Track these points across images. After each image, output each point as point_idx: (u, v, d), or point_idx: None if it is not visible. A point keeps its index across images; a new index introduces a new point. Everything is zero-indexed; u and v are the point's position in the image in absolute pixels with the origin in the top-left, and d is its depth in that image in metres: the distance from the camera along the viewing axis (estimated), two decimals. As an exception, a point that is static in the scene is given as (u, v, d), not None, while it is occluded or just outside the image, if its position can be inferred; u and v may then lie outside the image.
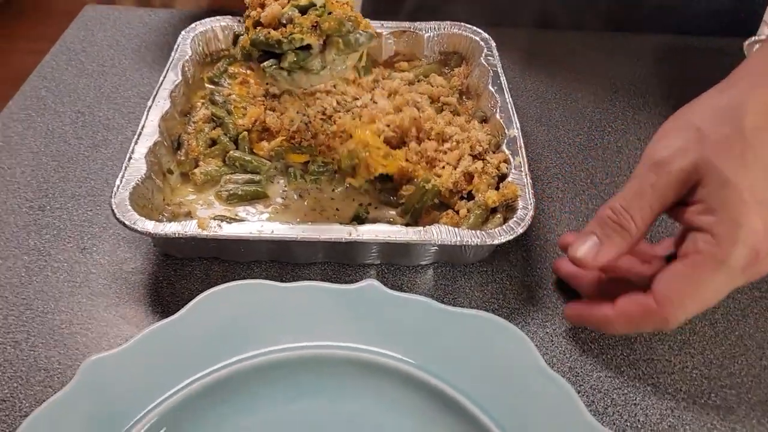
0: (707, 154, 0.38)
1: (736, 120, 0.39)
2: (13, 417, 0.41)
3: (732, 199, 0.37)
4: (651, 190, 0.40)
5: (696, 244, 0.38)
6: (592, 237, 0.42)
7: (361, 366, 0.42)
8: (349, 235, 0.47)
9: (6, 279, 0.49)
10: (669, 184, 0.39)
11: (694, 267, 0.38)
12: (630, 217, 0.40)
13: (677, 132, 0.41)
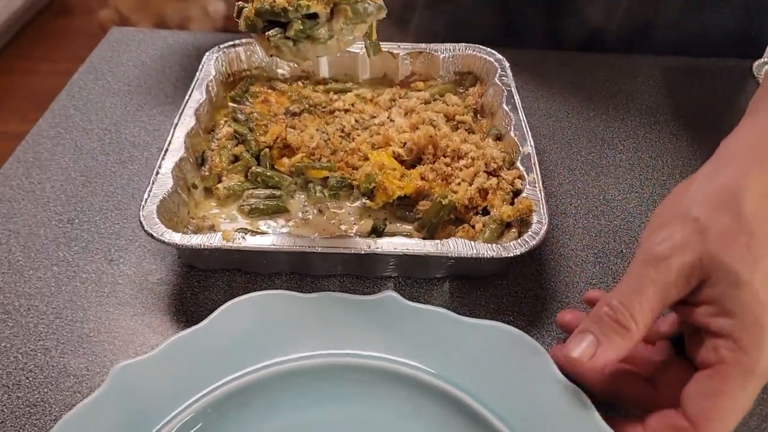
0: (711, 248, 0.36)
1: (734, 208, 0.36)
2: (43, 421, 0.43)
3: (749, 301, 0.35)
4: (651, 287, 0.37)
5: (719, 352, 0.36)
6: (589, 336, 0.38)
7: (380, 374, 0.43)
8: (368, 248, 0.48)
9: (37, 289, 0.51)
10: (671, 281, 0.36)
11: (723, 381, 0.35)
12: (629, 315, 0.37)
13: (675, 222, 0.38)
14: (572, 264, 0.55)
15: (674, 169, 0.65)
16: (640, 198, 0.61)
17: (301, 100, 0.67)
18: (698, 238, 0.36)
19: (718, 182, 0.38)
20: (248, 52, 0.69)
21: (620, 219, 0.59)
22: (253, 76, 0.70)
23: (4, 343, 0.47)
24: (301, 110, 0.65)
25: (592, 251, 0.56)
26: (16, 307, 0.50)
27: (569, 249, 0.56)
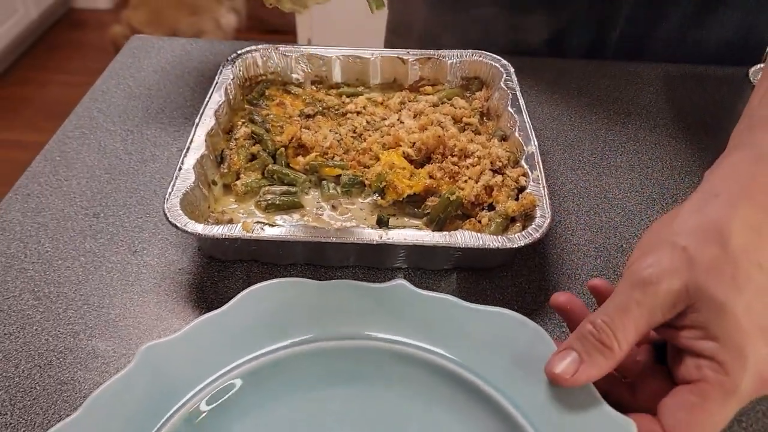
0: (698, 277, 0.37)
1: (721, 240, 0.37)
2: (74, 397, 0.45)
3: (732, 328, 0.36)
4: (636, 308, 0.38)
5: (701, 371, 0.37)
6: (572, 353, 0.39)
7: (390, 355, 0.45)
8: (380, 238, 0.51)
9: (65, 277, 0.54)
10: (657, 304, 0.38)
11: (703, 398, 0.37)
12: (612, 335, 0.38)
13: (662, 249, 0.39)
14: (574, 258, 0.57)
15: (673, 170, 0.67)
16: (640, 197, 0.64)
17: (314, 103, 0.70)
18: (686, 266, 0.37)
19: (705, 215, 0.39)
20: (264, 57, 0.72)
21: (621, 216, 0.61)
22: (269, 81, 0.73)
23: (36, 327, 0.50)
24: (315, 112, 0.68)
25: (594, 246, 0.58)
26: (46, 293, 0.52)
27: (571, 243, 0.59)
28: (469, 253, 0.53)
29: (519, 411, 0.42)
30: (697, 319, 0.37)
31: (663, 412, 0.38)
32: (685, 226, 0.40)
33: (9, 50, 2.79)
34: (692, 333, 0.38)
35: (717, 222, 0.38)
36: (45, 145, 0.68)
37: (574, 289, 0.55)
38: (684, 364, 0.39)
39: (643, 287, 0.38)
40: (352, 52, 0.72)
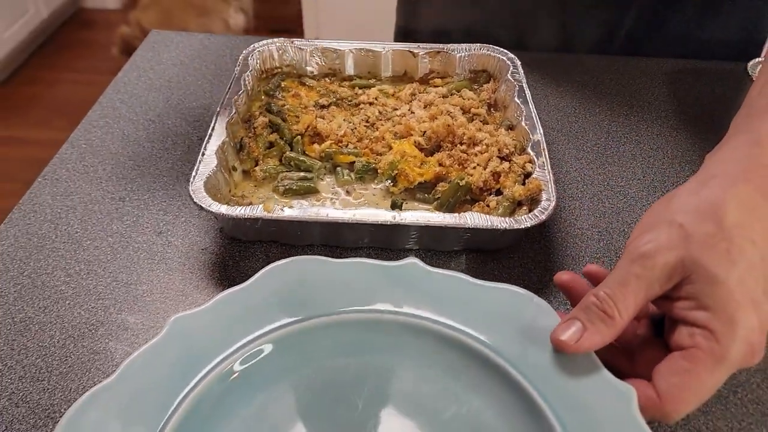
0: (693, 251, 0.39)
1: (717, 217, 0.40)
2: (106, 366, 0.48)
3: (724, 298, 0.38)
4: (635, 281, 0.40)
5: (694, 338, 0.39)
6: (576, 322, 0.42)
7: (404, 327, 0.48)
8: (394, 219, 0.54)
9: (95, 256, 0.57)
10: (654, 277, 0.40)
11: (694, 362, 0.39)
12: (614, 305, 0.41)
13: (660, 227, 0.41)
14: (578, 241, 0.60)
15: (674, 159, 0.70)
16: (641, 184, 0.66)
17: (329, 94, 0.73)
18: (682, 241, 0.40)
19: (703, 194, 0.42)
20: (280, 51, 0.75)
21: (623, 202, 0.64)
22: (285, 73, 0.76)
23: (68, 302, 0.53)
24: (329, 103, 0.71)
25: (597, 230, 0.61)
26: (77, 271, 0.55)
27: (575, 228, 0.61)
28: (478, 234, 0.55)
29: (525, 378, 0.45)
30: (692, 290, 0.40)
31: (656, 377, 0.41)
32: (683, 205, 0.42)
33: (20, 49, 2.83)
34: (686, 304, 0.40)
35: (713, 201, 0.41)
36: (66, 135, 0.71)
37: (578, 270, 0.57)
38: (678, 332, 0.41)
39: (641, 261, 0.41)
40: (364, 45, 0.75)
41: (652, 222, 0.43)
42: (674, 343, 0.41)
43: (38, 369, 0.48)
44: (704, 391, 0.40)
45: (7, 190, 2.24)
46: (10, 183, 2.28)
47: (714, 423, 0.46)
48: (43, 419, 0.45)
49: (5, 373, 0.47)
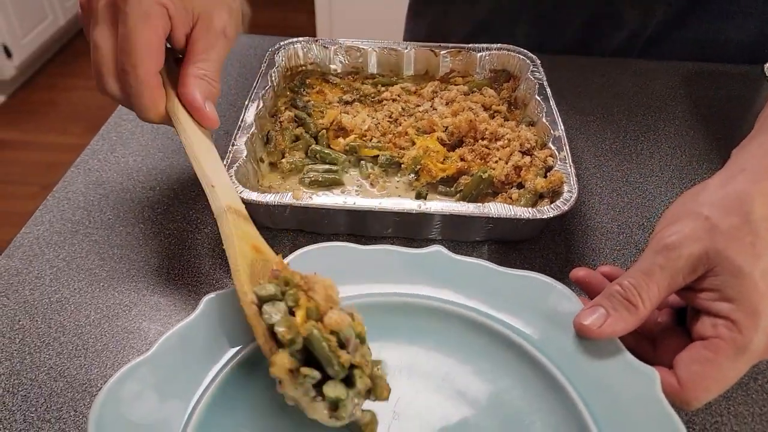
0: (718, 243, 0.40)
1: (743, 211, 0.40)
2: (140, 344, 0.50)
3: (748, 290, 0.39)
4: (659, 271, 0.41)
5: (717, 329, 0.40)
6: (600, 308, 0.43)
7: (430, 311, 0.49)
8: (419, 208, 0.55)
9: (127, 241, 0.58)
10: (678, 267, 0.41)
11: (716, 351, 0.40)
12: (637, 294, 0.42)
13: (686, 219, 0.42)
14: (598, 234, 0.61)
15: (692, 157, 0.71)
16: (659, 180, 0.67)
17: (352, 91, 0.74)
18: (707, 233, 0.40)
19: (729, 188, 0.42)
20: (305, 49, 0.77)
21: (641, 198, 0.65)
22: (309, 71, 0.78)
23: (103, 284, 0.54)
24: (353, 99, 0.73)
25: (616, 223, 0.62)
26: (110, 255, 0.57)
27: (595, 221, 0.62)
28: (501, 224, 0.56)
29: (550, 360, 0.46)
30: (715, 282, 0.41)
31: (678, 365, 0.42)
32: (710, 198, 0.43)
33: (37, 55, 2.88)
34: (710, 295, 0.41)
35: (740, 194, 0.42)
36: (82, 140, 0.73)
37: (598, 262, 0.58)
38: (701, 322, 0.42)
39: (666, 252, 0.41)
40: (387, 44, 0.77)
41: (678, 214, 0.43)
42: (697, 333, 0.42)
43: (75, 346, 0.49)
44: (725, 381, 0.40)
45: (24, 192, 2.27)
46: (28, 186, 2.31)
47: (735, 408, 0.47)
48: (80, 393, 0.46)
49: (43, 349, 0.49)
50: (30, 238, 0.58)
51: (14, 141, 2.55)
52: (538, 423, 0.44)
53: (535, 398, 0.45)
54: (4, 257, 0.56)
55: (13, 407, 0.45)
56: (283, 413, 0.44)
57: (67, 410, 0.45)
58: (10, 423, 0.44)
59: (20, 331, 0.50)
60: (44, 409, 0.45)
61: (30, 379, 0.47)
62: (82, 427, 0.44)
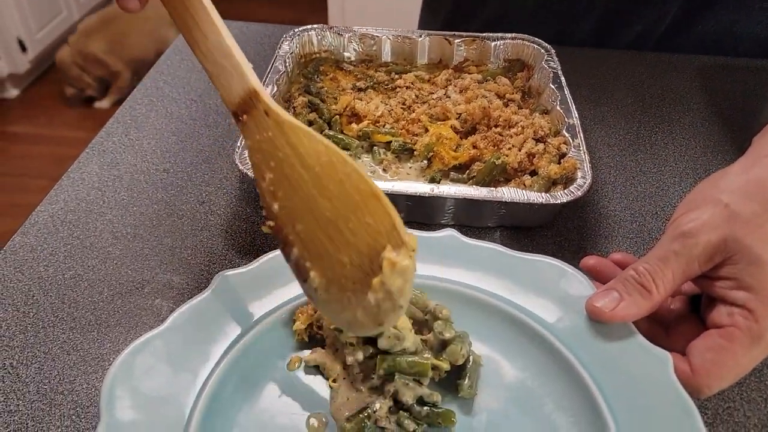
0: (737, 231, 0.39)
1: (764, 198, 0.40)
2: (153, 320, 0.50)
3: (766, 279, 0.39)
4: (675, 258, 0.41)
5: (733, 318, 0.40)
6: (613, 292, 0.43)
7: (442, 293, 0.49)
8: (432, 191, 0.55)
9: (140, 221, 0.59)
10: (694, 255, 0.40)
11: (731, 340, 0.39)
12: (652, 280, 0.41)
13: (705, 206, 0.41)
14: (611, 222, 0.61)
15: (706, 148, 0.70)
16: (673, 171, 0.67)
17: (366, 78, 0.74)
18: (726, 221, 0.40)
19: (751, 175, 0.42)
20: (319, 36, 0.77)
21: (655, 187, 0.65)
22: (323, 58, 0.78)
23: (116, 262, 0.55)
24: (366, 86, 0.73)
25: (629, 212, 0.62)
26: (123, 234, 0.57)
27: (608, 209, 0.62)
28: (514, 208, 0.56)
29: (562, 342, 0.45)
30: (732, 270, 0.40)
31: (692, 352, 0.41)
32: (731, 184, 0.42)
33: (51, 50, 2.89)
34: (727, 283, 0.41)
35: (762, 181, 0.41)
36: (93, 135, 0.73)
37: (610, 250, 0.58)
38: (716, 310, 0.42)
39: (683, 239, 0.41)
40: (401, 32, 0.77)
41: (697, 200, 0.43)
42: (711, 320, 0.42)
43: (88, 321, 0.50)
44: (739, 369, 0.40)
45: (35, 186, 2.29)
46: (39, 179, 2.32)
47: (748, 394, 0.47)
48: (93, 366, 0.46)
49: (57, 324, 0.49)
50: (45, 216, 0.58)
51: (28, 135, 2.58)
52: (551, 404, 0.44)
53: (547, 380, 0.45)
54: (19, 234, 0.56)
55: (27, 379, 0.45)
56: (293, 388, 0.44)
57: (80, 383, 0.45)
58: (23, 394, 0.44)
59: (34, 305, 0.50)
60: (57, 381, 0.45)
61: (44, 352, 0.47)
62: (94, 399, 0.44)
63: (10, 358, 0.46)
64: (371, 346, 0.43)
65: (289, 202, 0.37)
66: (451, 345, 0.44)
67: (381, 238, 0.34)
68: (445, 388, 0.44)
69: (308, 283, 0.38)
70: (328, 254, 0.36)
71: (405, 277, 0.34)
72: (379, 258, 0.34)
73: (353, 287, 0.36)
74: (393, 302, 0.34)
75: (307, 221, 0.36)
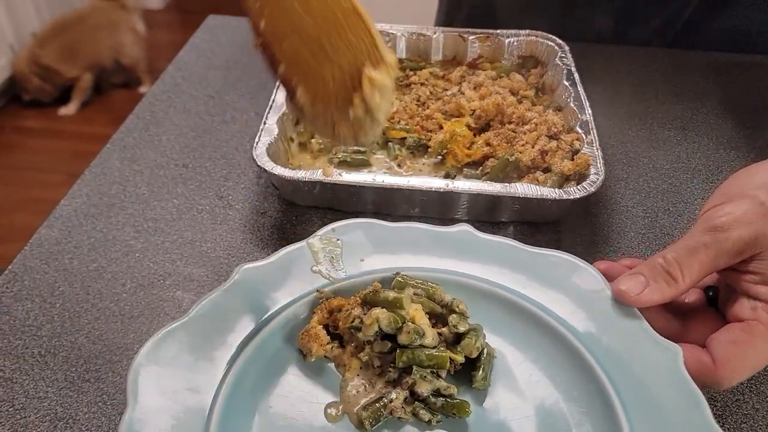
0: None
1: None
2: (174, 311, 0.51)
3: None
4: (704, 251, 0.41)
5: (756, 312, 0.40)
6: (640, 276, 0.43)
7: (456, 286, 0.50)
8: (447, 186, 0.56)
9: (161, 215, 0.60)
10: (724, 249, 0.41)
11: (753, 334, 0.40)
12: (679, 269, 0.42)
13: (739, 200, 0.42)
14: (623, 218, 0.61)
15: (719, 145, 0.71)
16: (686, 167, 0.67)
17: (381, 75, 0.75)
18: (761, 218, 0.40)
19: None
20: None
21: (668, 184, 0.65)
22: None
23: (138, 254, 0.56)
24: (380, 83, 0.74)
25: (642, 208, 0.62)
26: (145, 228, 0.59)
27: (621, 206, 0.63)
28: (528, 204, 0.57)
29: (574, 336, 0.46)
30: (761, 266, 0.41)
31: (713, 344, 0.42)
32: (763, 181, 0.43)
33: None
34: (753, 278, 0.41)
35: None
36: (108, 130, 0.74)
37: (622, 246, 0.59)
38: (739, 304, 0.42)
39: (714, 233, 0.41)
40: (416, 29, 0.77)
41: (731, 194, 0.43)
42: (733, 314, 0.42)
43: (112, 312, 0.51)
44: (759, 362, 0.41)
45: (52, 180, 2.32)
46: (55, 174, 2.36)
47: (758, 387, 0.47)
48: (118, 355, 0.48)
49: (82, 314, 0.51)
50: (69, 210, 0.60)
51: (43, 129, 2.61)
52: (562, 396, 0.44)
53: (558, 372, 0.46)
54: (44, 227, 0.58)
55: (55, 367, 0.47)
56: (312, 378, 0.46)
57: (105, 371, 0.47)
58: (52, 381, 0.46)
59: (60, 296, 0.52)
60: (84, 370, 0.47)
61: (70, 341, 0.49)
62: (120, 387, 0.46)
63: (39, 347, 0.48)
64: (390, 341, 0.44)
65: (274, 19, 0.38)
66: (466, 338, 0.45)
67: (361, 56, 0.36)
68: (460, 379, 0.45)
69: (296, 100, 0.39)
70: (312, 71, 0.37)
71: (383, 93, 0.36)
72: (360, 75, 0.36)
73: (336, 103, 0.38)
74: (372, 117, 0.37)
75: (292, 39, 0.37)
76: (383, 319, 0.43)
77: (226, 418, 0.41)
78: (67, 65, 2.55)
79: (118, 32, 2.68)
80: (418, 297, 0.47)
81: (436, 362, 0.43)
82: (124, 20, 2.70)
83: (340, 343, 0.47)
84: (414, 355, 0.43)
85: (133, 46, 2.73)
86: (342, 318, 0.46)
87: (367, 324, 0.43)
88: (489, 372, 0.45)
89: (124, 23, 2.69)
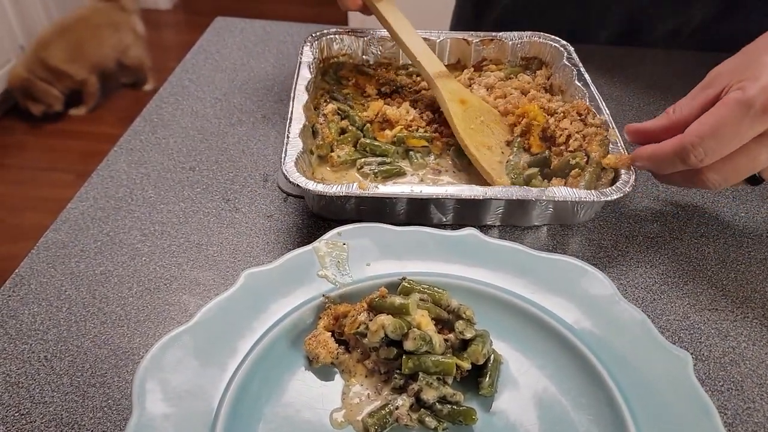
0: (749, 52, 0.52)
1: None
2: (181, 315, 0.51)
3: (758, 66, 0.48)
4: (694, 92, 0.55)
5: (727, 94, 0.48)
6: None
7: (463, 291, 0.50)
8: (486, 194, 0.54)
9: (168, 218, 0.60)
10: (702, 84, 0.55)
11: (719, 105, 0.48)
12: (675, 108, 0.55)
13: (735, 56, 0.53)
14: (632, 221, 0.61)
15: (729, 148, 0.70)
16: (696, 170, 0.67)
17: (389, 83, 0.75)
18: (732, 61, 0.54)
19: None
20: (337, 40, 0.76)
21: (677, 188, 0.65)
22: (341, 63, 0.78)
23: (144, 258, 0.56)
24: (391, 91, 0.73)
25: (651, 211, 0.62)
26: (152, 231, 0.59)
27: (629, 209, 0.62)
28: (561, 208, 0.57)
29: (582, 342, 0.46)
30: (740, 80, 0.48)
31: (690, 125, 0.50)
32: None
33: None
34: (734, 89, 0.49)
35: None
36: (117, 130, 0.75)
37: (631, 249, 0.58)
38: None
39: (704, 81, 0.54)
40: (420, 34, 0.77)
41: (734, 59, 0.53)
42: None
43: (118, 316, 0.51)
44: (724, 130, 0.47)
45: (62, 180, 2.33)
46: (65, 173, 2.37)
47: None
48: (123, 360, 0.48)
49: (88, 318, 0.51)
50: (75, 213, 0.60)
51: (53, 129, 2.62)
52: (570, 403, 0.44)
53: (566, 378, 0.45)
54: (51, 231, 0.58)
55: (61, 371, 0.47)
56: (317, 384, 0.45)
57: (111, 376, 0.47)
58: (58, 386, 0.46)
59: (66, 300, 0.52)
60: (90, 374, 0.47)
61: (76, 345, 0.49)
62: (125, 392, 0.46)
63: (45, 351, 0.48)
64: (396, 348, 0.44)
65: None
66: (473, 344, 0.44)
67: None
68: (466, 386, 0.45)
69: None
70: None
71: None
72: None
73: None
74: None
75: None
76: (389, 325, 0.43)
77: (231, 423, 0.41)
78: (75, 66, 2.56)
79: (120, 32, 2.69)
80: (424, 302, 0.46)
81: (442, 369, 0.43)
82: (125, 21, 2.71)
83: (346, 348, 0.46)
84: (420, 361, 0.43)
85: (135, 46, 2.75)
86: (348, 324, 0.46)
87: (373, 330, 0.43)
88: (496, 379, 0.45)
89: (124, 24, 2.71)
